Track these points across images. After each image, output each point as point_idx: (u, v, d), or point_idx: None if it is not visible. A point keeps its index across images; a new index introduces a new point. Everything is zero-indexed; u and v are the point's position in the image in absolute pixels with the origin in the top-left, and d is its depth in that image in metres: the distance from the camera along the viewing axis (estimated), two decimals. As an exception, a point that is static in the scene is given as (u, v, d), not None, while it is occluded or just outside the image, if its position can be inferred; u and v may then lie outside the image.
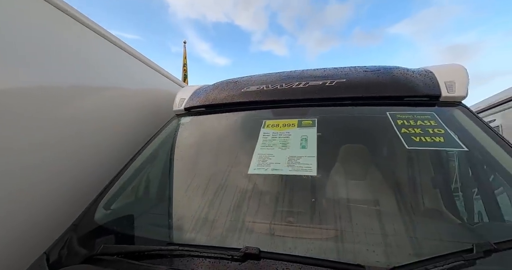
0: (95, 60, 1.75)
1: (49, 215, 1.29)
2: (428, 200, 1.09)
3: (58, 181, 1.37)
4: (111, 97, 1.86)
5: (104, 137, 1.76)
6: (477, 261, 0.66)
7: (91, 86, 1.69)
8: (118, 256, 0.87)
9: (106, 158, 1.70)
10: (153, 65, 2.33)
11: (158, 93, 2.40)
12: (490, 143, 1.05)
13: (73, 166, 1.47)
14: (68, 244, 0.97)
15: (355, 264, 0.71)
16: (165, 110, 2.37)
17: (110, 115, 1.83)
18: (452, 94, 1.28)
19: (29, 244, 1.18)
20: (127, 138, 1.97)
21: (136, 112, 2.11)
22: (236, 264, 0.78)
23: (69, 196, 1.42)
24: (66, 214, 1.36)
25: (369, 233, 0.89)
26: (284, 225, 0.98)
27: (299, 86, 1.50)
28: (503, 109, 2.64)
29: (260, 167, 1.11)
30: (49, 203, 1.32)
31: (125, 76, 2.03)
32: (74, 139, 1.51)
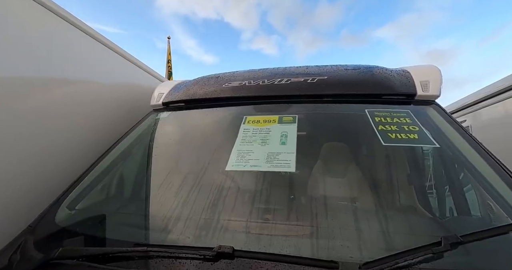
0: (68, 52, 1.63)
1: (7, 217, 1.18)
2: (403, 197, 1.12)
3: (20, 181, 1.26)
4: (85, 92, 1.74)
5: (76, 133, 1.65)
6: (444, 253, 0.67)
7: (62, 80, 1.57)
8: (79, 259, 0.80)
9: (76, 156, 1.59)
10: (132, 59, 2.23)
11: (136, 88, 2.30)
12: (460, 141, 1.09)
13: (36, 165, 1.36)
14: (21, 248, 0.88)
15: (329, 261, 0.70)
16: (144, 106, 2.28)
17: (83, 110, 1.72)
18: (427, 93, 1.32)
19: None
20: (102, 134, 1.86)
21: (112, 108, 2.01)
22: (208, 264, 0.75)
23: (30, 197, 1.31)
24: (29, 215, 1.26)
25: (344, 229, 0.89)
26: (260, 223, 0.96)
27: (281, 83, 1.49)
28: (473, 110, 2.80)
29: (239, 163, 1.08)
30: (8, 204, 1.21)
31: (101, 70, 1.92)
32: (41, 136, 1.40)
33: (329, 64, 1.68)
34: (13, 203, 1.21)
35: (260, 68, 1.80)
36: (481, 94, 2.66)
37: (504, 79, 2.36)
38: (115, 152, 1.36)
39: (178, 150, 1.40)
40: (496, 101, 2.43)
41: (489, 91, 2.53)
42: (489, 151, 1.00)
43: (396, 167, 1.22)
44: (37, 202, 1.30)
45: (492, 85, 2.54)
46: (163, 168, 1.31)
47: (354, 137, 1.35)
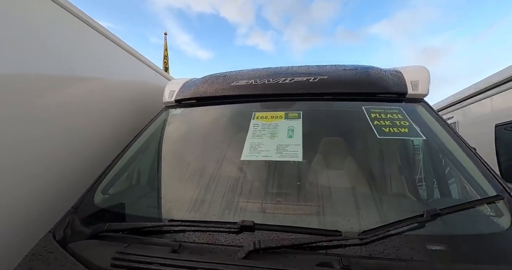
0: (85, 52, 1.74)
1: (44, 204, 1.32)
2: (394, 182, 1.29)
3: (48, 174, 1.39)
4: (101, 90, 1.86)
5: (93, 128, 1.78)
6: (426, 223, 0.84)
7: (80, 78, 1.68)
8: (123, 232, 0.95)
9: (96, 149, 1.72)
10: (142, 58, 2.34)
11: (146, 85, 2.41)
12: (444, 134, 1.26)
13: (65, 158, 1.49)
14: (71, 224, 1.02)
15: (334, 230, 0.86)
16: (151, 102, 2.40)
17: (99, 107, 1.84)
18: (416, 92, 1.48)
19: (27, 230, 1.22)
20: (115, 129, 1.99)
21: (125, 104, 2.12)
22: (233, 235, 0.90)
23: (59, 187, 1.44)
24: (61, 201, 1.40)
25: (345, 208, 1.06)
26: (273, 204, 1.11)
27: (285, 82, 1.63)
28: (459, 108, 3.01)
29: (252, 154, 1.23)
30: (41, 194, 1.35)
31: (114, 69, 2.03)
32: (66, 132, 1.52)
33: (328, 64, 1.83)
34: (41, 195, 1.35)
35: (264, 68, 1.94)
36: (465, 93, 2.87)
37: (483, 80, 2.57)
38: (137, 144, 1.49)
39: (195, 142, 1.54)
40: (478, 100, 2.64)
41: (472, 91, 2.74)
42: (467, 143, 1.17)
43: (389, 157, 1.40)
44: (65, 192, 1.44)
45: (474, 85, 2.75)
46: (184, 158, 1.44)
47: (353, 130, 1.51)
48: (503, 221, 0.85)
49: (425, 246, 0.80)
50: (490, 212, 0.89)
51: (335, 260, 0.77)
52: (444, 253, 0.78)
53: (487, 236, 0.83)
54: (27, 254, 0.90)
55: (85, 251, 0.86)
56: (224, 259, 0.78)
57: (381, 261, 0.77)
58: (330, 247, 0.83)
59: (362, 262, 0.77)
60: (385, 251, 0.80)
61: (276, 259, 0.79)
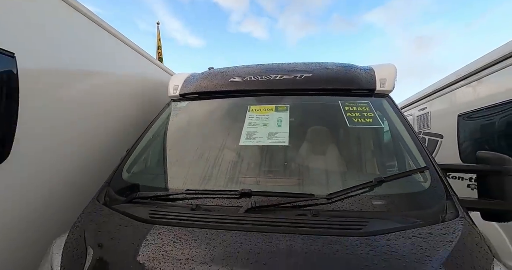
0: (96, 49, 1.98)
1: (71, 185, 1.65)
2: (356, 160, 1.64)
3: (68, 161, 1.71)
4: (114, 84, 2.14)
5: (110, 118, 2.07)
6: (374, 187, 1.18)
7: (91, 74, 1.95)
8: (150, 199, 1.26)
9: (110, 138, 2.03)
10: (145, 54, 2.57)
11: (151, 80, 2.67)
12: (399, 125, 1.59)
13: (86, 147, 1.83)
14: (108, 194, 1.33)
15: (309, 194, 1.20)
16: (154, 94, 2.69)
17: (109, 99, 2.12)
18: (383, 89, 1.79)
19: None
20: (124, 120, 2.28)
21: (131, 97, 2.39)
22: (235, 200, 1.22)
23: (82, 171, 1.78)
24: (83, 183, 1.75)
25: (319, 180, 1.39)
26: (266, 178, 1.44)
27: (276, 79, 1.91)
28: (431, 99, 3.38)
29: (248, 140, 1.54)
30: (65, 177, 1.67)
31: (124, 66, 2.30)
32: (81, 123, 1.82)
33: (314, 62, 2.12)
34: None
35: (257, 64, 2.21)
36: (435, 86, 3.22)
37: (449, 75, 2.92)
38: (150, 132, 1.79)
39: (200, 130, 1.84)
40: (446, 93, 3.00)
41: (440, 84, 3.10)
42: (414, 130, 1.51)
43: (356, 141, 1.73)
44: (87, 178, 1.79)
45: (442, 80, 3.11)
46: (191, 143, 1.74)
47: (331, 120, 1.82)
48: (426, 184, 1.20)
49: (371, 202, 1.15)
50: (420, 178, 1.24)
51: (308, 212, 1.11)
52: (384, 205, 1.13)
53: (414, 193, 1.18)
54: (82, 213, 1.20)
55: (126, 209, 1.17)
56: (229, 213, 1.11)
57: (340, 212, 1.12)
58: (305, 205, 1.17)
59: (327, 213, 1.11)
60: (343, 206, 1.14)
61: (267, 213, 1.12)
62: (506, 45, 2.14)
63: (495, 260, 0.88)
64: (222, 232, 0.98)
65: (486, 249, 0.89)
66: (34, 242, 1.44)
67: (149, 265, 0.85)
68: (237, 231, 0.98)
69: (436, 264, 0.78)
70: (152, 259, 0.87)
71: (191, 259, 0.85)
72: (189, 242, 0.93)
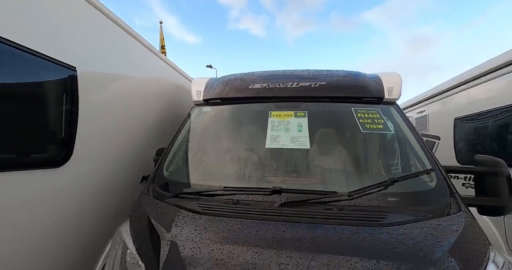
0: (130, 58, 2.17)
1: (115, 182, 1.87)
2: (372, 162, 1.84)
3: (112, 160, 1.92)
4: (142, 90, 2.33)
5: (135, 121, 2.26)
6: (389, 185, 1.38)
7: (128, 81, 2.13)
8: (195, 194, 1.44)
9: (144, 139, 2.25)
10: (166, 59, 2.75)
11: (172, 84, 2.85)
12: (406, 130, 1.80)
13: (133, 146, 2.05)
14: (154, 189, 1.51)
15: (332, 191, 1.39)
16: (174, 97, 2.87)
17: (138, 104, 2.30)
18: (391, 97, 1.99)
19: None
20: (149, 122, 2.46)
21: (155, 100, 2.57)
22: (267, 196, 1.41)
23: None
24: (124, 180, 1.94)
25: (338, 179, 1.59)
26: (291, 177, 1.63)
27: (292, 86, 2.09)
28: (429, 103, 3.61)
29: (273, 143, 1.72)
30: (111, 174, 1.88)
31: (149, 71, 2.48)
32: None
33: (325, 69, 2.30)
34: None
35: (273, 71, 2.38)
36: (434, 91, 3.46)
37: (446, 81, 3.15)
38: (181, 135, 1.96)
39: (225, 134, 2.01)
40: (443, 97, 3.24)
41: (438, 89, 3.33)
42: (420, 135, 1.71)
43: (370, 145, 1.93)
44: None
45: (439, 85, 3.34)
46: (220, 145, 1.92)
47: (345, 126, 2.02)
48: (432, 183, 1.40)
49: (387, 198, 1.35)
50: (427, 178, 1.45)
51: (333, 206, 1.31)
52: (397, 201, 1.33)
53: (422, 191, 1.39)
54: (138, 205, 1.39)
55: (178, 203, 1.36)
56: (267, 207, 1.30)
57: (360, 207, 1.31)
58: (330, 201, 1.36)
59: (348, 208, 1.30)
60: (363, 202, 1.34)
61: (297, 207, 1.31)
62: (499, 56, 2.37)
63: (491, 246, 1.09)
64: (265, 222, 1.17)
65: (484, 237, 1.10)
66: (94, 232, 1.72)
67: (213, 247, 1.03)
68: (278, 222, 1.17)
69: (446, 248, 0.98)
70: (214, 243, 1.05)
71: (247, 243, 1.04)
72: (240, 229, 1.12)
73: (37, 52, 1.27)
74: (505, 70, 2.24)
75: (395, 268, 0.92)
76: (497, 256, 1.03)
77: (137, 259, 1.14)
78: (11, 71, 1.20)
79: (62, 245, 1.54)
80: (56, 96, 1.40)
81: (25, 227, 1.32)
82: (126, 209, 1.79)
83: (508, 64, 2.20)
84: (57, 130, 1.41)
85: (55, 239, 1.50)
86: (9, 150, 1.21)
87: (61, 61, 1.39)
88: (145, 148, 2.34)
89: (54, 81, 1.37)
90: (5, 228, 1.23)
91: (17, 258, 1.29)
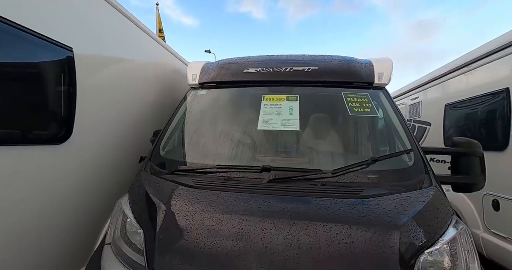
0: (128, 41, 2.21)
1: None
2: (357, 142, 1.94)
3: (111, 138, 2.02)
4: (136, 71, 2.37)
5: (131, 101, 2.35)
6: (370, 164, 1.48)
7: (126, 63, 2.18)
8: (189, 171, 1.54)
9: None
10: (166, 46, 2.82)
11: (168, 67, 2.90)
12: (392, 114, 1.88)
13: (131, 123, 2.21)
14: (151, 167, 1.61)
15: (317, 169, 1.49)
16: (170, 81, 2.93)
17: (135, 85, 2.38)
18: (380, 82, 2.05)
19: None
20: (144, 102, 2.56)
21: (151, 82, 2.63)
22: (257, 174, 1.51)
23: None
24: (122, 157, 2.06)
25: (324, 159, 1.70)
26: (280, 157, 1.74)
27: (286, 71, 2.14)
28: (422, 90, 3.67)
29: (265, 125, 1.81)
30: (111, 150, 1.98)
31: (145, 55, 2.53)
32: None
33: (319, 54, 2.34)
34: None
35: (268, 55, 2.42)
36: (426, 78, 3.51)
37: (437, 69, 3.20)
38: (177, 117, 2.03)
39: (220, 116, 2.10)
40: (435, 84, 3.30)
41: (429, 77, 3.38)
42: (404, 119, 1.80)
43: (357, 128, 2.02)
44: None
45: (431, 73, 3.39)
46: (214, 127, 2.01)
47: (334, 109, 2.09)
48: (410, 162, 1.51)
49: (367, 176, 1.45)
50: (406, 158, 1.55)
51: (318, 182, 1.42)
52: (377, 178, 1.44)
53: (400, 169, 1.50)
54: (136, 180, 1.49)
55: (174, 179, 1.47)
56: (256, 183, 1.41)
57: (342, 183, 1.42)
58: (315, 178, 1.47)
59: (331, 184, 1.41)
60: (345, 179, 1.45)
61: (285, 183, 1.42)
62: (486, 44, 2.41)
63: (454, 215, 1.21)
64: (253, 195, 1.28)
65: (449, 207, 1.22)
66: (97, 204, 1.89)
67: (204, 215, 1.15)
68: (265, 195, 1.28)
69: (411, 215, 1.10)
70: (205, 212, 1.17)
71: (235, 211, 1.15)
72: (230, 201, 1.23)
73: (34, 31, 1.31)
74: (492, 57, 2.29)
75: (365, 231, 1.04)
76: (458, 223, 1.15)
77: (136, 227, 1.25)
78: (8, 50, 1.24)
79: (66, 214, 1.67)
80: (54, 76, 1.45)
81: (29, 197, 1.42)
82: (124, 185, 1.91)
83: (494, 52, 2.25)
84: (56, 109, 1.48)
85: (59, 209, 1.62)
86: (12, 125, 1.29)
87: (58, 41, 1.43)
88: (142, 130, 2.42)
89: (51, 61, 1.42)
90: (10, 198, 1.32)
91: (21, 227, 1.40)
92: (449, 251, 1.04)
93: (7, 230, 1.32)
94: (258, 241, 1.05)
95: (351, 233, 1.04)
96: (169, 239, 1.13)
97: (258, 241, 1.05)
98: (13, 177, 1.30)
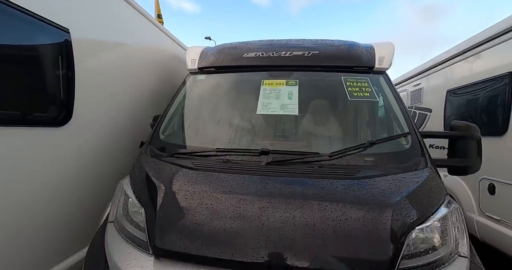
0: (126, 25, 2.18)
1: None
2: (356, 126, 1.95)
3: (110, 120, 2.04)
4: (138, 57, 2.38)
5: (130, 83, 2.35)
6: (367, 147, 1.49)
7: (125, 47, 2.15)
8: (189, 154, 1.57)
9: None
10: (165, 30, 2.78)
11: (169, 52, 2.88)
12: (392, 99, 1.87)
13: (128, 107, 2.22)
14: (152, 150, 1.63)
15: (315, 152, 1.51)
16: (169, 65, 2.92)
17: (133, 68, 2.38)
18: (381, 66, 2.02)
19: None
20: (143, 86, 2.58)
21: (150, 66, 2.63)
22: (256, 157, 1.53)
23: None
24: (121, 140, 2.10)
25: (323, 142, 1.71)
26: (279, 141, 1.75)
27: (285, 55, 2.11)
28: (424, 76, 3.62)
29: (264, 110, 1.81)
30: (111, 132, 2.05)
31: (145, 39, 2.51)
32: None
33: (319, 39, 2.30)
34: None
35: (267, 40, 2.38)
36: (428, 65, 3.46)
37: (439, 55, 3.15)
38: (176, 101, 2.04)
39: (219, 100, 2.10)
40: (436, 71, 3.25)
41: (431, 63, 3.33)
42: (404, 103, 1.80)
43: (356, 112, 2.03)
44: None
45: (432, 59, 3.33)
46: (213, 111, 2.02)
47: (334, 94, 2.08)
48: (408, 145, 1.53)
49: (364, 158, 1.47)
50: (403, 141, 1.56)
51: (315, 165, 1.44)
52: (373, 161, 1.46)
53: (397, 152, 1.52)
54: (137, 162, 1.52)
55: (173, 161, 1.49)
56: (254, 165, 1.43)
57: (339, 165, 1.44)
58: (312, 161, 1.49)
59: (329, 166, 1.44)
60: (342, 162, 1.47)
61: (282, 166, 1.45)
62: (488, 29, 2.35)
63: (448, 196, 1.24)
64: (251, 176, 1.31)
65: (442, 188, 1.25)
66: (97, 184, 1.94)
67: (203, 195, 1.19)
68: (262, 176, 1.31)
69: (404, 194, 1.13)
70: (203, 191, 1.20)
71: (233, 191, 1.19)
72: (228, 181, 1.26)
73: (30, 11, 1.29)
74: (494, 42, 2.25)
75: (358, 209, 1.07)
76: (450, 202, 1.18)
77: (138, 206, 1.29)
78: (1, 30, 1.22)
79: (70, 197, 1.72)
80: (51, 58, 1.45)
81: (31, 176, 1.46)
82: (125, 169, 1.94)
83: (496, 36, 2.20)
84: (55, 92, 1.49)
85: (60, 188, 1.67)
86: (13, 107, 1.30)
87: (54, 22, 1.41)
88: (142, 114, 2.43)
89: (48, 43, 1.41)
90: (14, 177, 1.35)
91: (24, 206, 1.43)
92: (440, 228, 1.08)
93: (10, 209, 1.37)
94: (255, 218, 1.09)
95: (345, 211, 1.07)
96: (169, 217, 1.18)
97: (255, 219, 1.09)
98: (13, 157, 1.32)
